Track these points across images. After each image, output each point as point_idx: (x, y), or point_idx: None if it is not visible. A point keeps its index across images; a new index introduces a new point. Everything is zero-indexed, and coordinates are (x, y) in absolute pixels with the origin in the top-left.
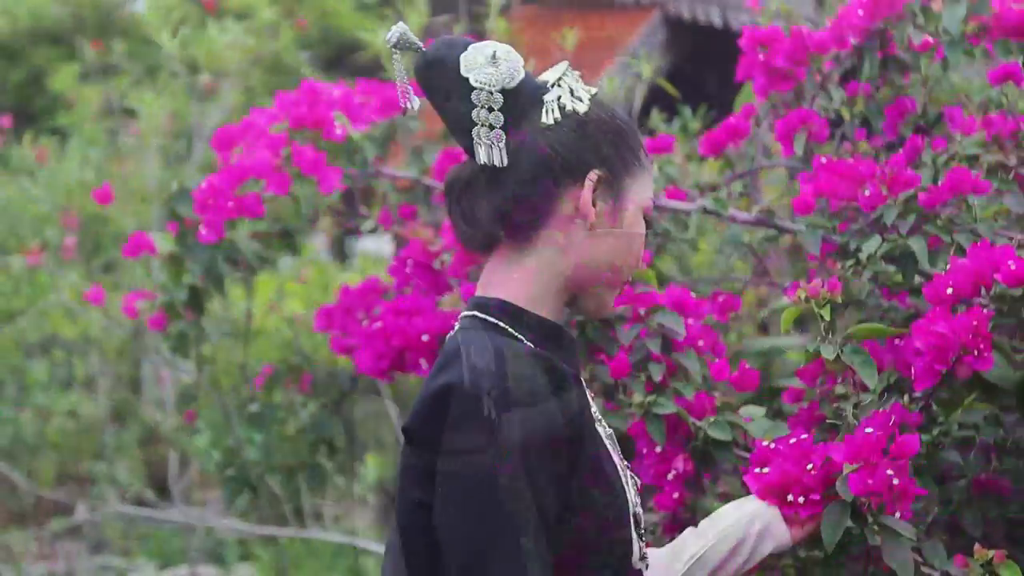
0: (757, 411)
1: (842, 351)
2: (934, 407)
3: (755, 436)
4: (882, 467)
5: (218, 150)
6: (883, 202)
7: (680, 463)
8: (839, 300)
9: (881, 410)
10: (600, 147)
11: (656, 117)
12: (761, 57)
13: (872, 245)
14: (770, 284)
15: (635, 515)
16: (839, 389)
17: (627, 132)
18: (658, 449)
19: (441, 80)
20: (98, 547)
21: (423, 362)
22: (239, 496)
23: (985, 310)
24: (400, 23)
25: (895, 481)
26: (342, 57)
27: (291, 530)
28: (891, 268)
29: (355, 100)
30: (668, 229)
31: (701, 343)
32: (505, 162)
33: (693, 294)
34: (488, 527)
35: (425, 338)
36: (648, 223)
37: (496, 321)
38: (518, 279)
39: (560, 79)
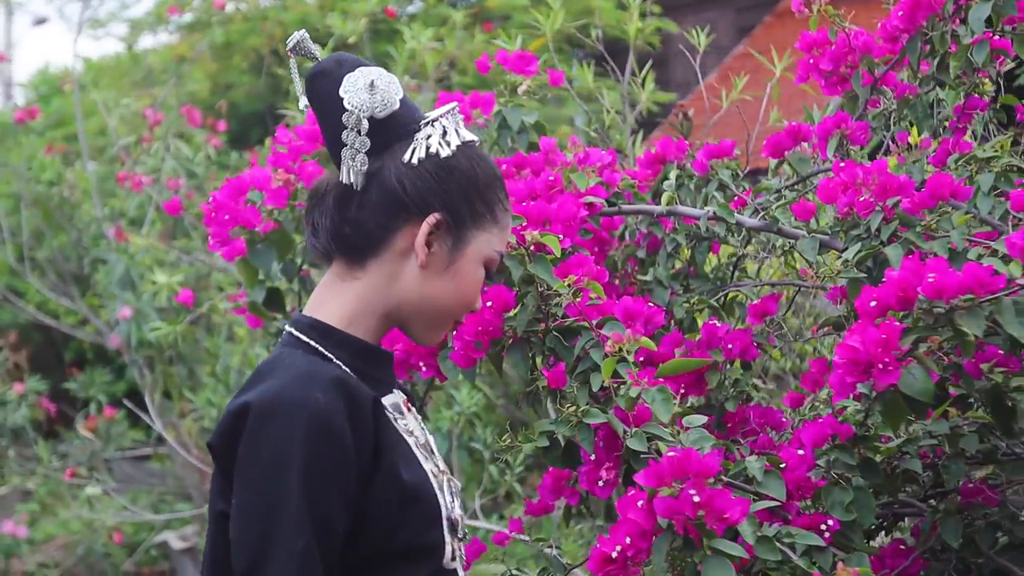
0: (697, 420)
1: (643, 393)
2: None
3: (684, 445)
4: (687, 488)
5: (273, 165)
6: (872, 209)
7: (604, 472)
8: (653, 345)
9: (815, 421)
10: (450, 194)
11: None
12: (811, 60)
13: (851, 252)
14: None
15: (450, 519)
16: None
17: (486, 185)
18: (592, 457)
19: (322, 93)
20: None
21: (422, 365)
22: None
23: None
24: (302, 30)
25: (696, 499)
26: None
27: None
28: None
29: None
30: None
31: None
32: (360, 186)
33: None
34: (265, 537)
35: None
36: (489, 275)
37: (307, 340)
38: (341, 299)
39: (437, 119)
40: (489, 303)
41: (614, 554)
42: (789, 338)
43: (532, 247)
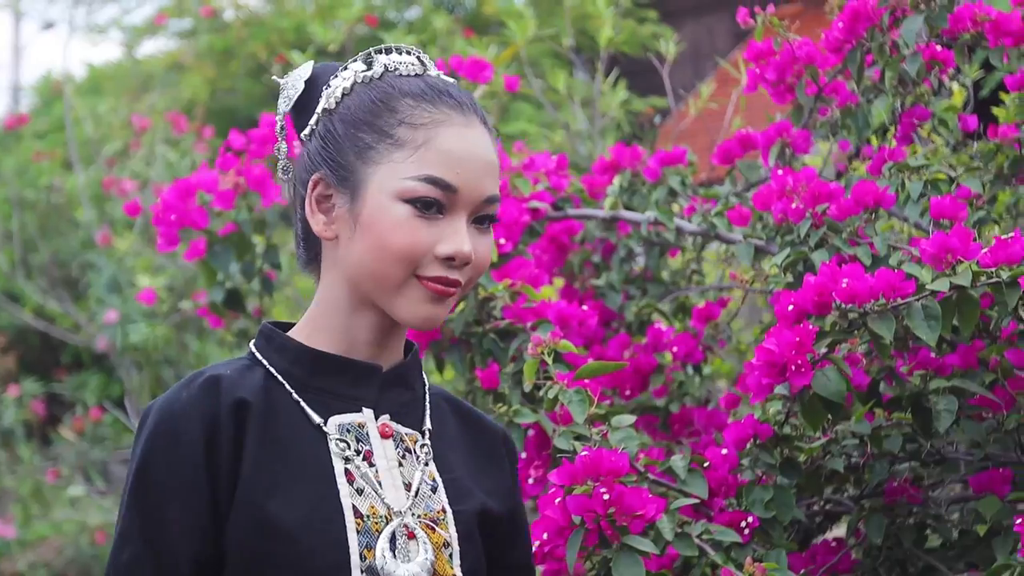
0: (626, 420)
1: (560, 394)
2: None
3: (611, 445)
4: (599, 486)
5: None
6: (802, 215)
7: (533, 470)
8: (575, 348)
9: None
10: (328, 145)
11: None
12: (757, 71)
13: (780, 257)
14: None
15: (371, 572)
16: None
17: (371, 112)
18: (522, 455)
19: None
20: None
21: None
22: None
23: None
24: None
25: (605, 496)
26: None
27: None
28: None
29: None
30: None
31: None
32: (289, 195)
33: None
34: (118, 530)
35: None
36: (429, 206)
37: (251, 347)
38: (310, 307)
39: (332, 79)
40: None
41: (534, 545)
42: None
43: None
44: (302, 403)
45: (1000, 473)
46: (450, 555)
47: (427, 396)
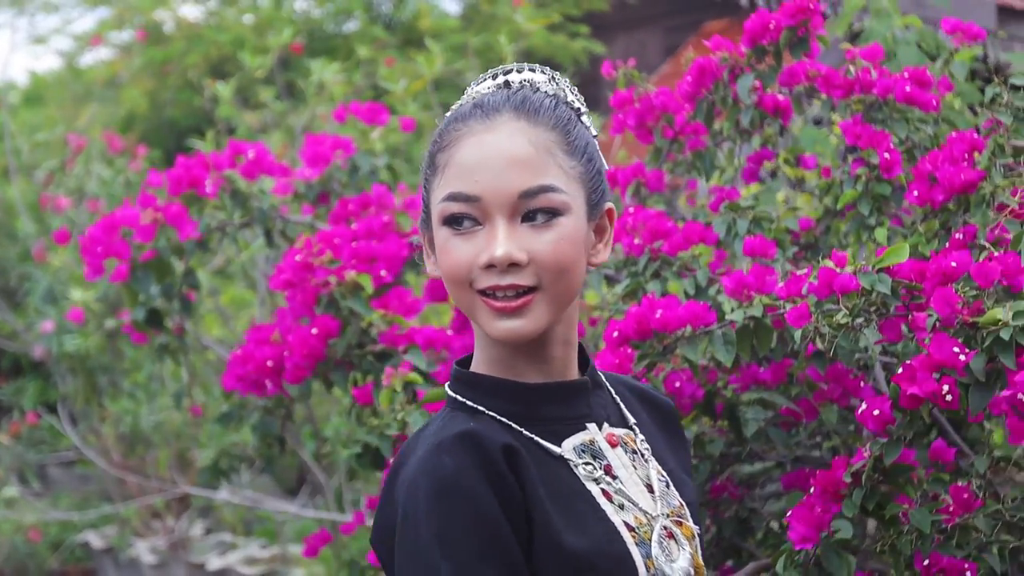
0: None
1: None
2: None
3: None
4: None
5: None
6: (641, 250)
7: None
8: (420, 381)
9: None
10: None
11: None
12: (620, 116)
13: (621, 286)
14: None
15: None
16: None
17: (431, 146)
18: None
19: None
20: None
21: (267, 383)
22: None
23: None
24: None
25: None
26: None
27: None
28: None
29: (269, 158)
30: None
31: None
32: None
33: None
34: None
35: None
36: (457, 221)
37: (454, 395)
38: (476, 346)
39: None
40: (315, 330)
41: None
42: None
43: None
44: (536, 438)
45: (806, 473)
46: (696, 546)
47: (611, 389)
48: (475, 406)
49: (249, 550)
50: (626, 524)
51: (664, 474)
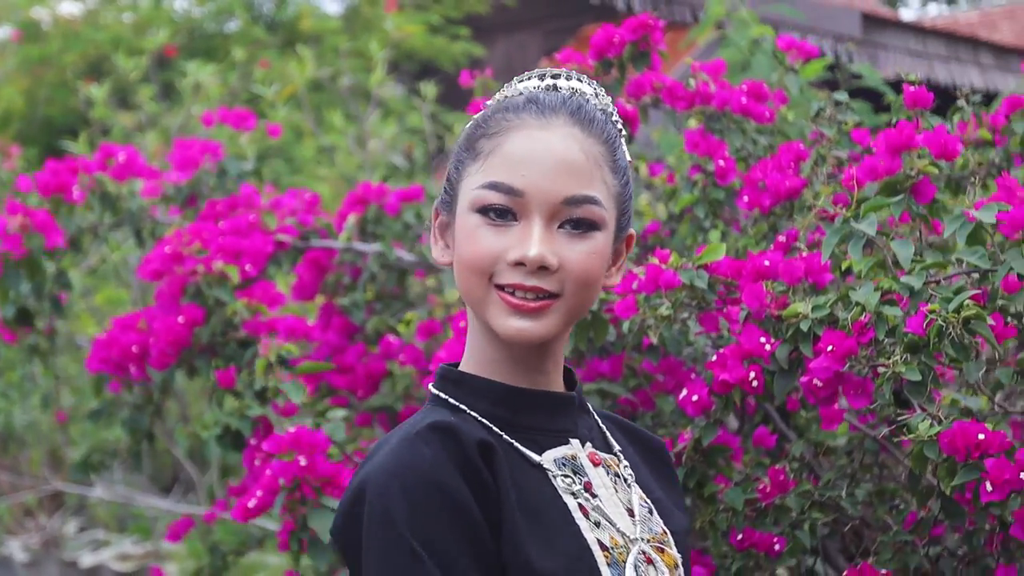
0: (337, 413)
1: (281, 384)
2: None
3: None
4: (299, 455)
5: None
6: None
7: (259, 454)
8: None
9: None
10: (447, 172)
11: None
12: None
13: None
14: None
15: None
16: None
17: (469, 133)
18: (253, 442)
19: None
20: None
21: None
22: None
23: None
24: None
25: (302, 463)
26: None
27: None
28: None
29: (140, 161)
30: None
31: None
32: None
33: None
34: None
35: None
36: (500, 213)
37: (438, 392)
38: (467, 343)
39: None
40: (181, 318)
41: (251, 504)
42: None
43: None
44: (515, 443)
45: None
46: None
47: (598, 418)
48: (457, 404)
49: (122, 547)
50: (600, 542)
51: (647, 501)
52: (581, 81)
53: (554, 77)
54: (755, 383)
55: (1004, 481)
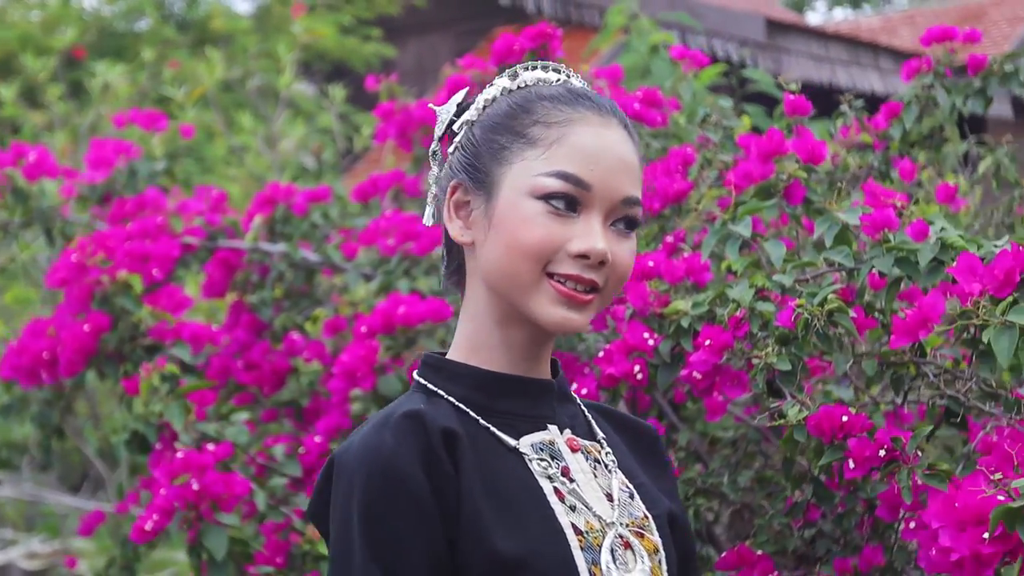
0: (238, 416)
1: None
2: None
3: (225, 437)
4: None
5: None
6: (394, 251)
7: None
8: (178, 371)
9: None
10: (467, 153)
11: None
12: (382, 127)
13: (373, 284)
14: None
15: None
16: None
17: (509, 116)
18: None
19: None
20: None
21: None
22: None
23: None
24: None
25: (195, 488)
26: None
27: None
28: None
29: (51, 160)
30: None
31: None
32: (428, 222)
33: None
34: None
35: None
36: (569, 203)
37: (419, 379)
38: (459, 326)
39: (477, 95)
40: (87, 326)
41: (148, 527)
42: None
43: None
44: (492, 428)
45: None
46: (659, 560)
47: (584, 408)
48: (435, 389)
49: (30, 545)
50: (574, 526)
51: (629, 486)
52: (586, 83)
53: (568, 75)
54: (640, 376)
55: (865, 458)
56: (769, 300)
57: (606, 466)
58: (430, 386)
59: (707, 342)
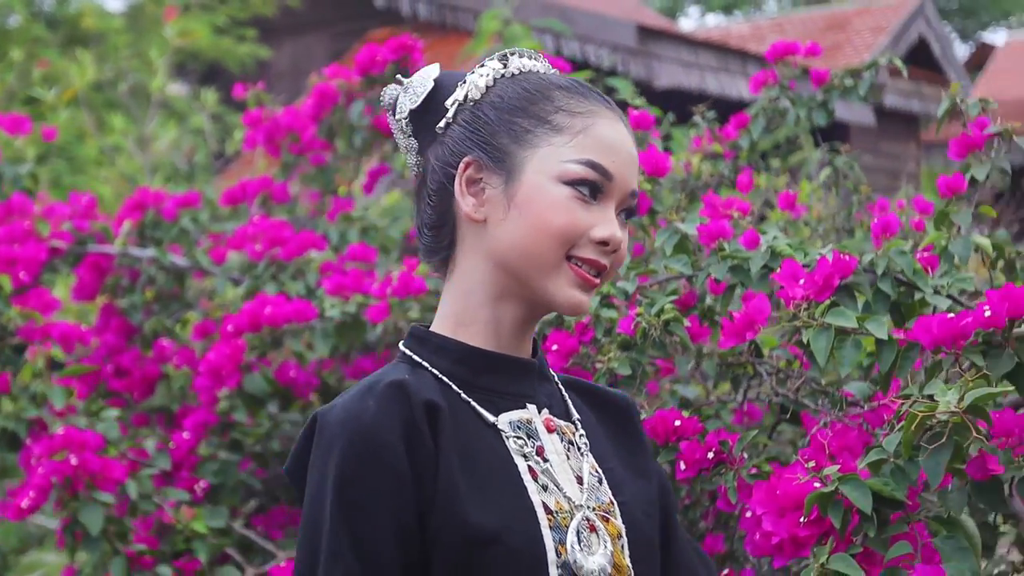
0: (110, 413)
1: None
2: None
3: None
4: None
5: None
6: (261, 256)
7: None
8: (62, 356)
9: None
10: (481, 131)
11: None
12: (250, 133)
13: (240, 289)
14: None
15: (567, 568)
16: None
17: (528, 101)
18: (28, 443)
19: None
20: None
21: None
22: None
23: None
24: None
25: (73, 462)
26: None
27: None
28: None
29: None
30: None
31: None
32: (418, 186)
33: None
34: (311, 558)
35: None
36: (593, 189)
37: (404, 350)
38: (446, 300)
39: (469, 75)
40: None
41: (25, 504)
42: None
43: None
44: (472, 403)
45: None
46: (623, 545)
47: (560, 386)
48: (420, 360)
49: None
50: (545, 505)
51: (599, 471)
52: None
53: (541, 61)
54: None
55: (695, 461)
56: (614, 307)
57: (579, 448)
58: (415, 357)
59: (554, 347)
